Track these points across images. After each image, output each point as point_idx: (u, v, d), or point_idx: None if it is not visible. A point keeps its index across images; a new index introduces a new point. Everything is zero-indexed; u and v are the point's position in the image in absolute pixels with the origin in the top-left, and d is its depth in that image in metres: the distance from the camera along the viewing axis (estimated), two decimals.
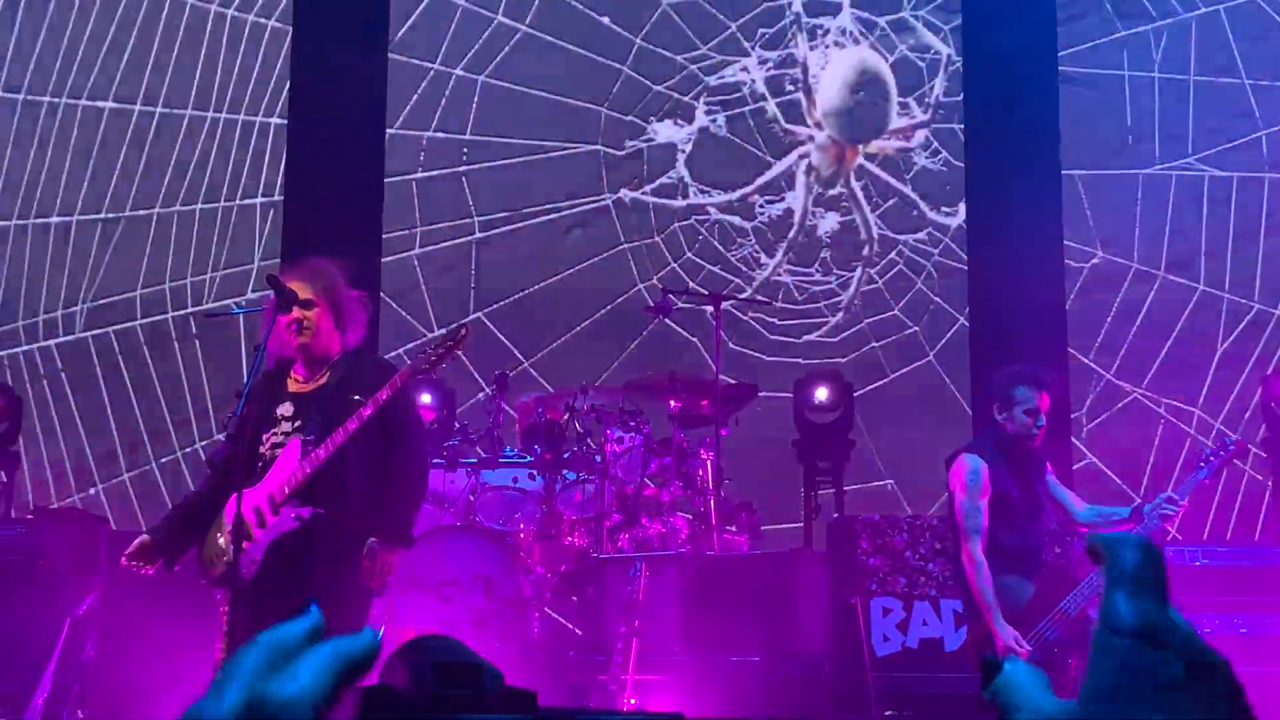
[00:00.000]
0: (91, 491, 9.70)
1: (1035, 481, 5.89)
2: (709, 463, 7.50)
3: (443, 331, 5.18)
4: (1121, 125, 9.76)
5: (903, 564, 7.15)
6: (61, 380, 9.88)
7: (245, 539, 4.87)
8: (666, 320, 8.98)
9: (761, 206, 9.73)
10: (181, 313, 9.92)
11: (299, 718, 1.01)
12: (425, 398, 8.27)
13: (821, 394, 8.65)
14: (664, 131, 9.85)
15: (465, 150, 9.96)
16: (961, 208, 9.71)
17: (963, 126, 9.77)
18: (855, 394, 8.86)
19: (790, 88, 9.58)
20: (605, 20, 9.89)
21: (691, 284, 9.58)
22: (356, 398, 4.94)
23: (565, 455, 7.51)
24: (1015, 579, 5.69)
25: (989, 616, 5.58)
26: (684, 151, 9.85)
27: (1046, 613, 5.66)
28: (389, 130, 9.95)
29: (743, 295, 9.62)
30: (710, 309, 8.19)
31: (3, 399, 8.68)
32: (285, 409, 5.05)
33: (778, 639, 6.90)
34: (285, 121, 9.99)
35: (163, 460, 9.76)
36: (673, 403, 7.66)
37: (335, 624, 4.72)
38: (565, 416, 7.69)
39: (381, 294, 9.57)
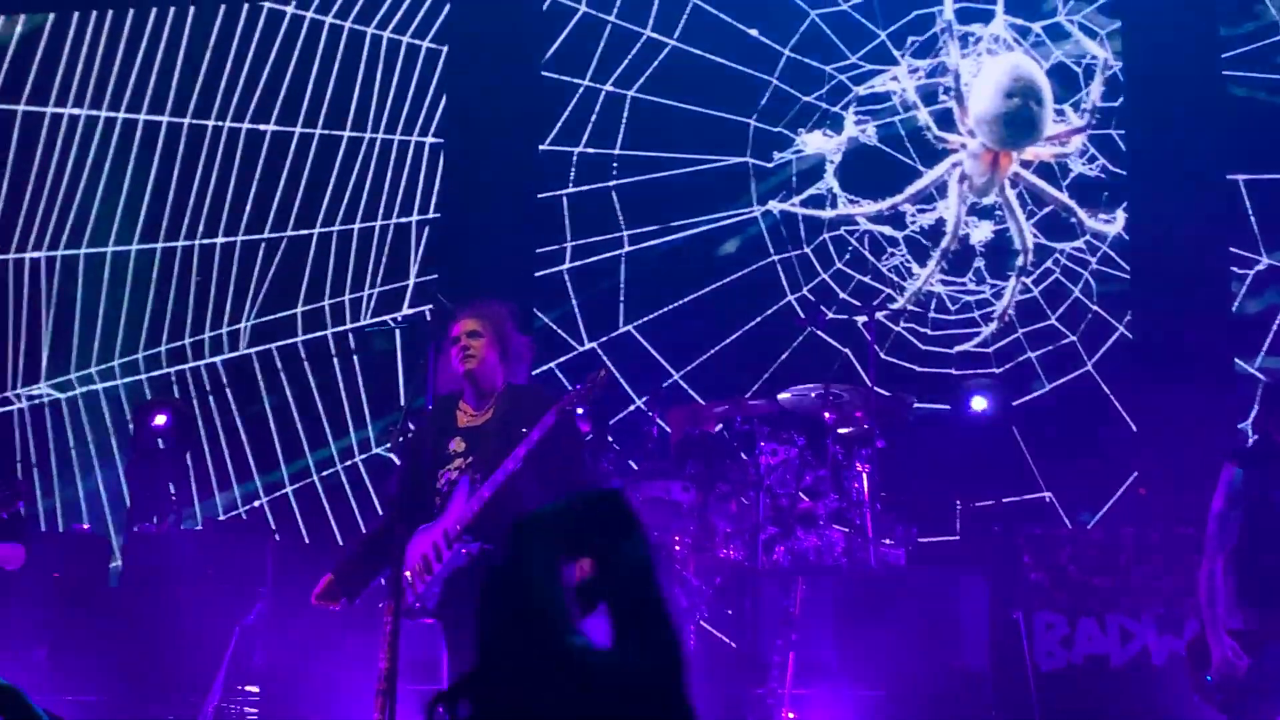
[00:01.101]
0: (256, 504, 9.96)
1: None
2: (865, 475, 7.44)
3: (580, 386, 5.27)
4: None
5: (1066, 578, 7.01)
6: (227, 396, 10.16)
7: (426, 573, 5.13)
8: (817, 332, 8.94)
9: (913, 216, 9.62)
10: (340, 329, 10.14)
11: None
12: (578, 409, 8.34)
13: (978, 404, 8.53)
14: (813, 142, 9.78)
15: (615, 165, 10.03)
16: (1120, 215, 9.50)
17: (1121, 132, 9.57)
18: (1012, 404, 8.71)
19: (943, 97, 9.46)
20: (754, 32, 9.89)
21: (842, 294, 9.51)
22: (524, 430, 5.07)
23: (719, 468, 7.51)
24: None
25: (1208, 627, 5.50)
26: (833, 162, 9.78)
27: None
28: (540, 147, 10.06)
29: (894, 306, 9.52)
30: (862, 320, 8.12)
31: (172, 415, 8.96)
32: (456, 444, 5.24)
33: (937, 654, 6.81)
34: (440, 140, 10.17)
35: (324, 474, 9.98)
36: (827, 415, 7.61)
37: None
38: (718, 428, 7.70)
39: (534, 309, 9.68)
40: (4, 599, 6.52)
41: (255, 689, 7.34)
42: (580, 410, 5.56)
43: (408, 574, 5.15)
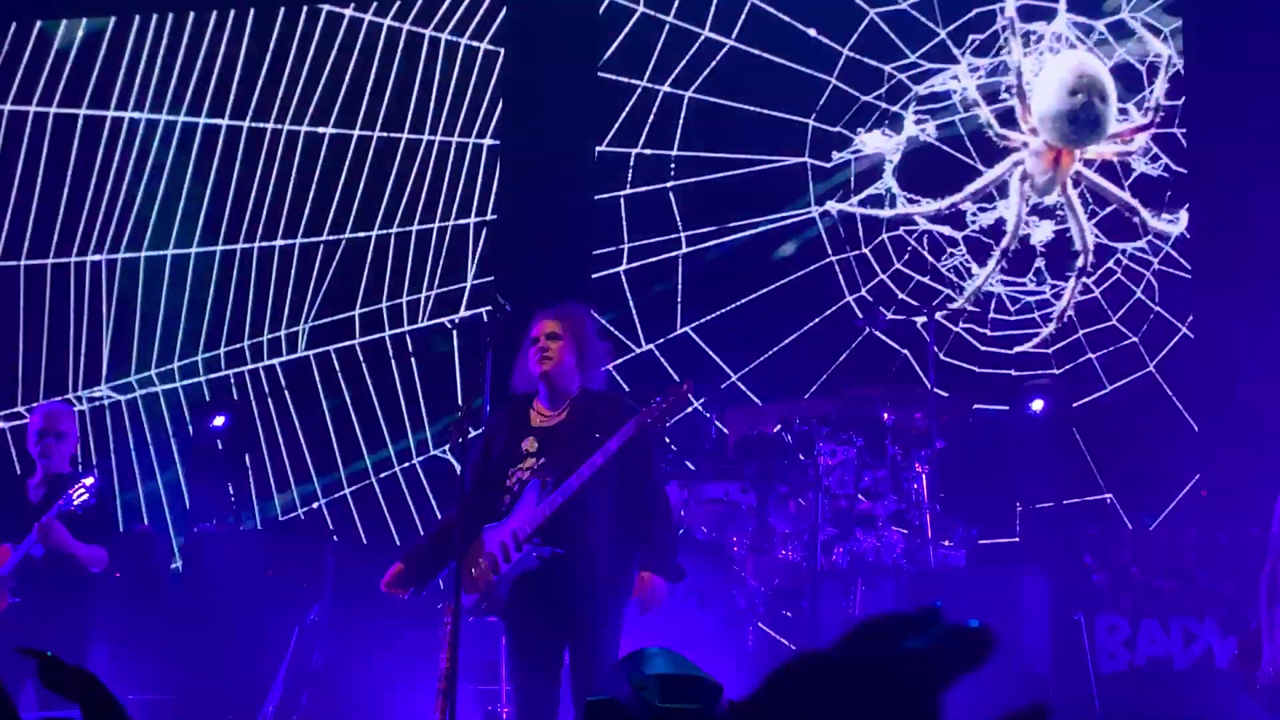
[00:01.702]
0: (315, 506, 10.02)
1: None
2: (924, 476, 7.40)
3: (664, 399, 5.20)
4: None
5: (1128, 580, 6.94)
6: (285, 398, 10.23)
7: (493, 573, 5.09)
8: (876, 333, 8.89)
9: (973, 215, 9.54)
10: (398, 331, 10.18)
11: None
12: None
13: (1038, 405, 8.45)
14: (872, 142, 9.73)
15: (672, 166, 10.01)
16: (1183, 214, 9.38)
17: (1184, 130, 9.45)
18: (1072, 405, 8.63)
19: (1004, 95, 9.39)
20: (812, 32, 9.84)
21: (901, 295, 9.45)
22: (598, 435, 5.04)
23: (778, 468, 7.49)
24: None
25: (1264, 628, 5.53)
26: (892, 162, 9.72)
27: None
28: (598, 148, 10.06)
29: (953, 306, 9.45)
30: (921, 321, 8.06)
31: (230, 417, 9.02)
32: (529, 444, 5.20)
33: (998, 656, 6.72)
34: (497, 142, 10.19)
35: (381, 475, 10.02)
36: (886, 416, 7.57)
37: (593, 650, 4.76)
38: (777, 429, 7.67)
39: (591, 311, 9.67)
40: (69, 598, 6.58)
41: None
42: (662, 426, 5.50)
43: (473, 571, 5.14)
